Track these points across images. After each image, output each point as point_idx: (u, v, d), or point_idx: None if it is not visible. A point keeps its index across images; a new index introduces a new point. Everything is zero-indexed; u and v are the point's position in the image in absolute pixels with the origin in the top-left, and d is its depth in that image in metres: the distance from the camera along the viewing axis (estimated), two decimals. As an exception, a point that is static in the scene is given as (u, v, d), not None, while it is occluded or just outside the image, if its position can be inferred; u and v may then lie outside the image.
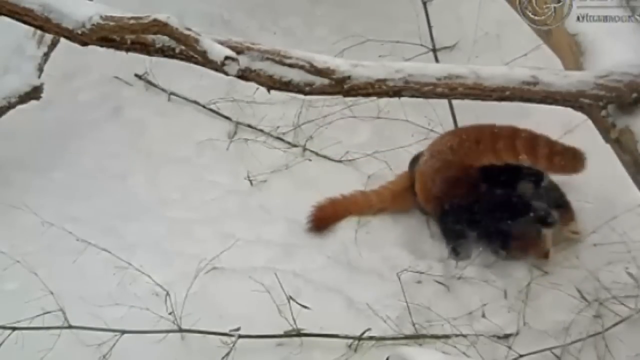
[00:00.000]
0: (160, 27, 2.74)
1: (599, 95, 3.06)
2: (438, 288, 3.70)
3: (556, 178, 4.04)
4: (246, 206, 4.20)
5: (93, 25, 2.76)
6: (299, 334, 3.44)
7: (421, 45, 4.51)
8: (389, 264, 3.83)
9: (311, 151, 4.43)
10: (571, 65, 3.35)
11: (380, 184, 4.13)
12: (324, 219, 4.03)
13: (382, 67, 3.01)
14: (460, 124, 4.33)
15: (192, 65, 2.91)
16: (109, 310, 3.43)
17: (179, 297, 3.46)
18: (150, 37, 2.86)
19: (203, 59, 2.79)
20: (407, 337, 3.43)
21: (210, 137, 4.54)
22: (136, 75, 4.91)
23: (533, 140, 3.82)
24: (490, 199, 3.79)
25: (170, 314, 3.44)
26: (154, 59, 3.03)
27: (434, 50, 4.53)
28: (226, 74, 2.78)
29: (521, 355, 3.32)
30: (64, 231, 3.69)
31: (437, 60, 4.49)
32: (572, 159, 3.83)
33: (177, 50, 2.88)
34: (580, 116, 3.27)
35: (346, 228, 4.01)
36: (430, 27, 4.54)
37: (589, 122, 3.25)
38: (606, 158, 3.31)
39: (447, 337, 3.43)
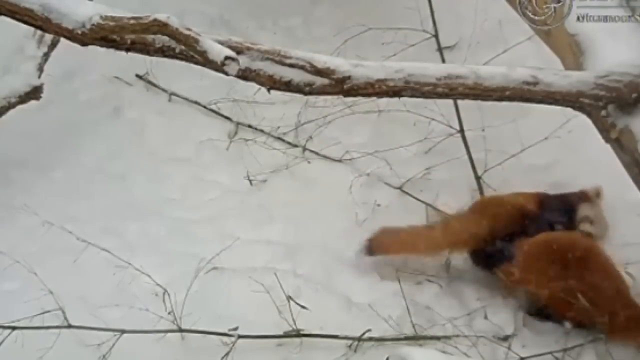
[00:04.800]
0: (160, 27, 2.74)
1: (599, 95, 3.06)
2: (438, 288, 3.70)
3: (557, 177, 4.05)
4: (246, 206, 4.20)
5: (93, 25, 2.76)
6: (298, 334, 3.44)
7: (426, 36, 4.46)
8: (389, 264, 3.82)
9: (311, 151, 4.43)
10: (571, 65, 3.35)
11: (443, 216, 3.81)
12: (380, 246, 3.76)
13: (382, 67, 3.01)
14: (465, 116, 4.30)
15: (192, 65, 2.92)
16: (109, 310, 3.43)
17: (179, 297, 3.46)
18: (150, 37, 2.86)
19: (203, 59, 2.79)
20: (407, 338, 3.43)
21: (210, 137, 4.54)
22: (137, 75, 4.91)
23: None
24: None
25: (169, 313, 3.44)
26: (154, 59, 3.03)
27: (439, 49, 4.50)
28: (226, 74, 2.79)
29: (522, 358, 3.32)
30: (64, 231, 3.69)
31: (441, 53, 4.44)
32: None
33: (177, 50, 2.89)
34: (580, 116, 3.27)
35: (345, 226, 4.00)
36: (433, 16, 4.47)
37: (589, 121, 3.25)
38: (606, 158, 3.31)
39: (447, 337, 3.43)
